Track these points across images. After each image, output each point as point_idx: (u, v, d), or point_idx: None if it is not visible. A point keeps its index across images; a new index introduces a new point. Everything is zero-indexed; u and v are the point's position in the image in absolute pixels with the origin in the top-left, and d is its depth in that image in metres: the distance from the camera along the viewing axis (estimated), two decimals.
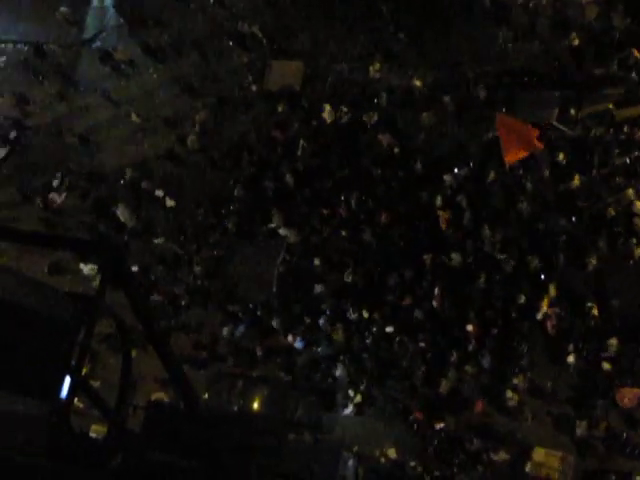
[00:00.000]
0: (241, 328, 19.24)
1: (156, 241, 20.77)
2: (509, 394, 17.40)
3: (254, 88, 21.34)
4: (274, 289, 19.58)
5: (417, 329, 18.25)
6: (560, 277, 17.69)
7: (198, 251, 20.48)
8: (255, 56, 21.52)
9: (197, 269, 20.22)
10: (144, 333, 9.46)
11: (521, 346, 17.59)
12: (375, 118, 19.60)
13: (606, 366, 17.03)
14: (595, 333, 17.24)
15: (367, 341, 18.36)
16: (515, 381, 17.49)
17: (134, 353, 10.78)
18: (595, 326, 17.26)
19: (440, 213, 18.62)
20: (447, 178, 18.81)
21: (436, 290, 18.16)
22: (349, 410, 18.10)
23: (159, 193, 20.78)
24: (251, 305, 19.50)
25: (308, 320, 18.88)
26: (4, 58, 23.93)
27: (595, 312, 17.23)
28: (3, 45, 23.95)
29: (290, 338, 18.87)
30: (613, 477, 16.68)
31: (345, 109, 19.90)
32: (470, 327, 17.80)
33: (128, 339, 10.35)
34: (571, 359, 17.23)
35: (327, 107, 19.96)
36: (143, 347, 10.98)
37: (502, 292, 17.97)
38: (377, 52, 20.33)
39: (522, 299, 17.67)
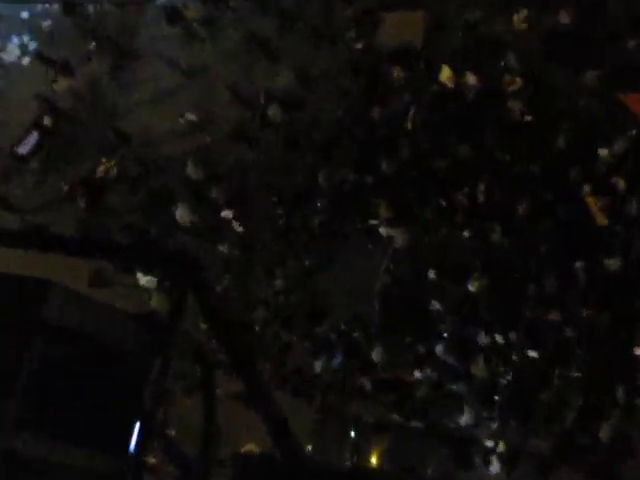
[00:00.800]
0: (338, 357, 18.61)
1: (221, 248, 20.18)
2: None
3: (359, 47, 20.70)
4: (376, 306, 19.04)
5: (568, 353, 17.49)
6: None
7: (277, 260, 19.91)
8: (362, 7, 20.83)
9: (277, 282, 19.66)
10: (228, 363, 9.49)
11: None
12: (519, 82, 18.74)
13: None
14: None
15: (506, 374, 17.62)
16: None
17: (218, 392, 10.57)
18: None
19: (590, 201, 17.80)
20: (602, 154, 17.87)
21: (589, 302, 17.34)
22: (494, 467, 17.29)
23: (227, 214, 20.24)
24: (347, 327, 18.92)
25: (422, 348, 18.19)
26: (49, 22, 23.61)
27: None
28: (48, 5, 23.60)
29: (403, 371, 18.13)
30: None
31: (472, 72, 19.03)
32: None
33: (211, 375, 10.48)
34: None
35: (446, 69, 19.17)
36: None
37: None
38: None
39: None
